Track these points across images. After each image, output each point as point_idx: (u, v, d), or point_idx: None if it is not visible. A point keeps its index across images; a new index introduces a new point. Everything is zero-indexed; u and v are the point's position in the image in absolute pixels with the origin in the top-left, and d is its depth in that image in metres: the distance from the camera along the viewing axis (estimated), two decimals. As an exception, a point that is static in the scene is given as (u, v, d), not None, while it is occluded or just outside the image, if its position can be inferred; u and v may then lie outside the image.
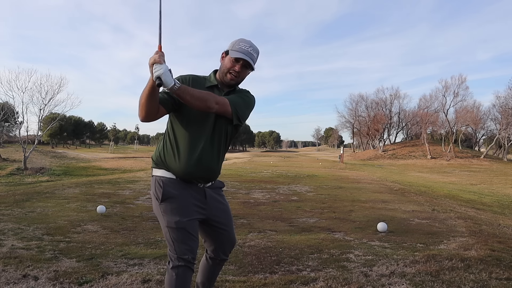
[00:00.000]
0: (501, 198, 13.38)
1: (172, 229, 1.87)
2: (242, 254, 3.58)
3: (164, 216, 1.88)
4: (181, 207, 1.90)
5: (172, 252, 1.88)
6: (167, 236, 1.90)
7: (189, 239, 1.89)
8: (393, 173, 25.92)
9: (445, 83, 51.75)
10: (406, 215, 6.17)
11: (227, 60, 1.91)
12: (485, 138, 63.28)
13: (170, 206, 1.89)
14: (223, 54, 1.95)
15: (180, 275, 1.86)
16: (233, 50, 1.89)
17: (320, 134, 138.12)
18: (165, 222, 1.88)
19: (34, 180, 18.54)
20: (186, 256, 1.87)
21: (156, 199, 1.91)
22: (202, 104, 1.76)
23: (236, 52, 1.88)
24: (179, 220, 1.87)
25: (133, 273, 2.95)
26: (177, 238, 1.87)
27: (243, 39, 1.92)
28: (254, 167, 21.58)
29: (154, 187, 1.94)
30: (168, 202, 1.89)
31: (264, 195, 8.51)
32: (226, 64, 1.91)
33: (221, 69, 1.94)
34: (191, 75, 1.95)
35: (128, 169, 26.05)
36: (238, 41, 1.91)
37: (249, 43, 1.91)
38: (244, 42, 1.90)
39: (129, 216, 5.54)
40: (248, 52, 1.89)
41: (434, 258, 3.42)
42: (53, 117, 36.42)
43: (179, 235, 1.87)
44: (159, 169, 1.95)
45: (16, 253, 3.37)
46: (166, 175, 1.92)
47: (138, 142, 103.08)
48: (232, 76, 1.91)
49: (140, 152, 69.66)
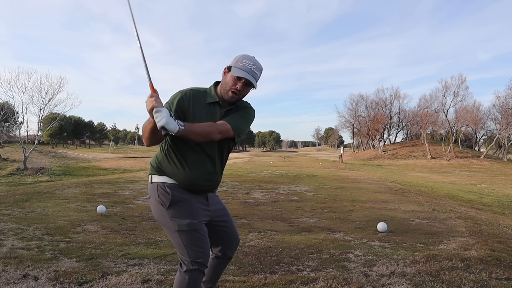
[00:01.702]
0: (501, 198, 13.38)
1: (184, 233, 1.84)
2: (242, 254, 3.58)
3: (174, 221, 1.85)
4: (190, 210, 1.89)
5: (185, 256, 1.85)
6: (177, 241, 1.86)
7: (202, 241, 1.88)
8: (393, 173, 25.92)
9: (445, 83, 51.78)
10: (406, 215, 6.17)
11: (229, 78, 1.86)
12: (485, 138, 63.29)
13: (179, 210, 1.86)
14: (226, 70, 1.90)
15: (192, 279, 1.85)
16: (236, 67, 1.85)
17: (320, 134, 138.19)
18: (175, 226, 1.84)
19: (34, 180, 18.53)
20: (200, 260, 1.86)
21: (162, 205, 1.87)
22: (206, 138, 1.80)
23: (239, 70, 1.83)
24: (190, 222, 1.85)
25: (133, 273, 2.95)
26: (189, 241, 1.85)
27: (247, 56, 1.88)
28: (254, 167, 21.59)
29: (157, 193, 1.90)
30: (176, 206, 1.87)
31: (264, 195, 8.51)
32: (228, 82, 1.87)
33: (223, 86, 1.89)
34: (191, 90, 1.90)
35: (128, 169, 26.04)
36: (242, 58, 1.86)
37: (252, 60, 1.86)
38: (247, 60, 1.85)
39: (129, 216, 5.54)
40: (251, 71, 1.84)
41: (434, 258, 3.42)
42: (53, 117, 36.42)
43: (192, 237, 1.85)
44: (160, 176, 1.92)
45: (16, 253, 3.37)
46: (169, 181, 1.89)
47: (138, 142, 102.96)
48: (233, 94, 1.87)
49: (140, 152, 69.59)
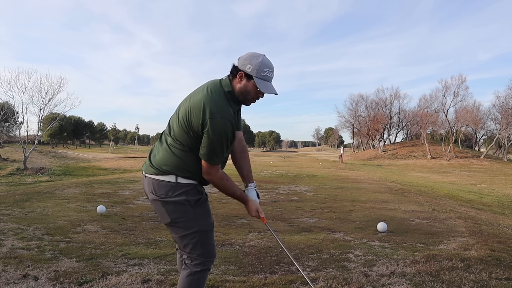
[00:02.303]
0: (501, 198, 13.38)
1: (204, 232, 1.87)
2: (242, 254, 3.58)
3: (197, 221, 1.86)
4: (209, 209, 1.95)
5: (200, 256, 1.86)
6: (193, 241, 1.85)
7: (214, 239, 1.95)
8: (393, 173, 25.92)
9: (445, 83, 51.74)
10: (406, 215, 6.17)
11: (252, 87, 1.79)
12: (485, 138, 63.26)
13: (203, 209, 1.89)
14: (242, 74, 1.78)
15: (202, 278, 1.88)
16: (259, 78, 1.77)
17: (320, 134, 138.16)
18: (197, 226, 1.85)
19: (34, 180, 18.51)
20: (213, 258, 1.92)
21: (189, 205, 1.83)
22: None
23: (264, 84, 1.78)
24: (211, 222, 1.92)
25: (133, 273, 2.95)
26: (207, 241, 1.88)
27: (267, 63, 1.78)
28: (254, 167, 21.56)
29: (185, 193, 1.83)
30: (201, 206, 1.89)
31: (264, 195, 8.51)
32: (251, 92, 1.81)
33: (243, 93, 1.81)
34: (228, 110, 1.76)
35: (128, 169, 26.01)
36: (263, 66, 1.76)
37: (272, 67, 1.80)
38: (268, 68, 1.78)
39: (129, 216, 5.54)
40: (272, 80, 1.83)
41: (434, 258, 3.42)
42: (53, 117, 36.38)
43: (209, 236, 1.90)
44: (186, 177, 1.85)
45: (16, 253, 3.37)
46: (192, 181, 1.87)
47: (138, 142, 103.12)
48: (254, 102, 1.87)
49: (140, 152, 69.53)
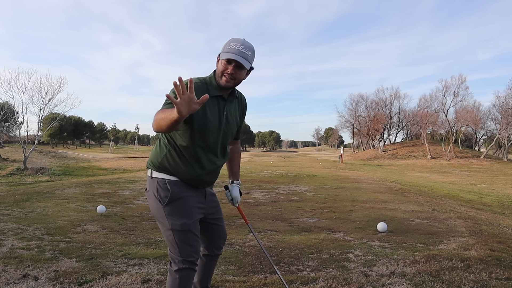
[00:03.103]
0: (501, 198, 13.38)
1: (177, 232, 1.84)
2: (242, 254, 3.58)
3: (169, 219, 1.84)
4: (186, 209, 1.88)
5: (175, 255, 1.86)
6: (170, 238, 1.86)
7: (194, 240, 1.88)
8: (393, 173, 25.92)
9: (445, 83, 51.81)
10: (406, 215, 6.16)
11: (220, 63, 1.81)
12: (485, 138, 63.26)
13: (176, 209, 1.86)
14: (218, 58, 1.85)
15: (184, 277, 1.85)
16: (224, 52, 1.79)
17: (320, 134, 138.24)
18: (169, 224, 1.84)
19: (34, 180, 18.52)
20: (191, 258, 1.87)
21: (159, 201, 1.86)
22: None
23: (226, 54, 1.77)
24: (185, 223, 1.85)
25: (133, 273, 2.95)
26: (182, 240, 1.85)
27: (234, 38, 1.80)
28: (254, 167, 21.58)
29: (156, 189, 1.87)
30: (174, 204, 1.85)
31: (264, 195, 8.51)
32: (219, 68, 1.81)
33: (216, 74, 1.84)
34: (196, 82, 1.80)
35: (128, 169, 26.02)
36: (229, 42, 1.80)
37: (240, 41, 1.79)
38: (234, 42, 1.79)
39: (129, 216, 5.54)
40: (240, 51, 1.76)
41: (434, 258, 3.42)
42: (53, 117, 36.38)
43: (185, 237, 1.85)
44: (161, 172, 1.89)
45: (16, 253, 3.37)
46: (170, 178, 1.87)
47: (138, 142, 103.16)
48: (227, 79, 1.80)
49: (140, 152, 69.62)
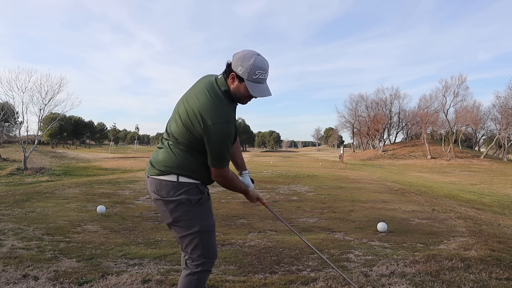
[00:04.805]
0: (501, 198, 13.38)
1: (205, 232, 1.85)
2: (242, 254, 3.58)
3: (198, 221, 1.83)
4: (211, 210, 1.92)
5: (200, 256, 1.84)
6: (195, 241, 1.83)
7: (215, 240, 1.93)
8: (393, 173, 25.92)
9: (445, 83, 51.80)
10: (406, 215, 6.16)
11: (244, 90, 1.75)
12: (485, 138, 63.30)
13: (204, 210, 1.87)
14: (234, 75, 1.74)
15: (201, 279, 1.86)
16: (250, 81, 1.71)
17: (320, 134, 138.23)
18: (198, 226, 1.83)
19: (34, 180, 18.52)
20: (214, 259, 1.90)
21: (190, 204, 1.82)
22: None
23: (255, 87, 1.73)
24: (211, 223, 1.89)
25: (133, 273, 2.95)
26: (208, 241, 1.86)
27: (259, 65, 1.70)
28: (254, 167, 21.58)
29: (187, 192, 1.81)
30: (203, 205, 1.86)
31: (264, 195, 8.51)
32: (243, 93, 1.77)
33: (237, 94, 1.78)
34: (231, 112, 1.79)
35: (128, 169, 26.01)
36: (254, 68, 1.69)
37: (265, 68, 1.71)
38: (261, 70, 1.70)
39: (129, 216, 5.55)
40: (265, 81, 1.76)
41: (434, 258, 3.42)
42: (53, 117, 36.39)
43: (211, 237, 1.88)
44: (188, 178, 1.83)
45: (16, 253, 3.37)
46: (197, 182, 1.85)
47: (138, 142, 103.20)
48: (249, 100, 1.83)
49: (140, 152, 69.61)
